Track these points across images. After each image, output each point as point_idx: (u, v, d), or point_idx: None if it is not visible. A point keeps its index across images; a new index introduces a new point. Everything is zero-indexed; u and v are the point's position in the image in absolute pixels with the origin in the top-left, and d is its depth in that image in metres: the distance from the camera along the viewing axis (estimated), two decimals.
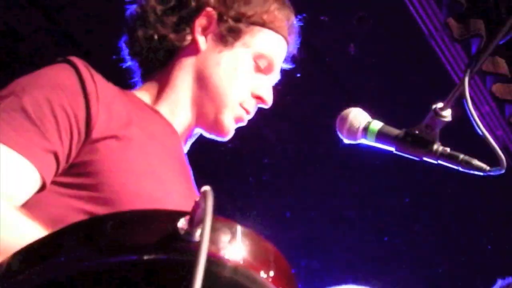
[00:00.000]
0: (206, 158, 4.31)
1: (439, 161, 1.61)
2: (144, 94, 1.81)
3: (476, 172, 1.57)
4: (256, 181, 4.86)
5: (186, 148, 1.86)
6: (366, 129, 1.68)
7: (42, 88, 1.50)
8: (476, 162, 1.57)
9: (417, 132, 1.62)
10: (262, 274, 0.93)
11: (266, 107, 1.87)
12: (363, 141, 1.69)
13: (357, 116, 1.70)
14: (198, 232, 0.89)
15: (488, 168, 1.56)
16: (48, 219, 1.35)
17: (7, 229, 1.31)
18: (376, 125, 1.68)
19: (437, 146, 1.60)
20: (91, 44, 3.88)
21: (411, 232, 5.19)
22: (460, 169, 1.58)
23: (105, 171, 1.50)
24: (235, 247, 0.92)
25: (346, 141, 1.71)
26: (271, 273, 0.93)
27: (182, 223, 0.90)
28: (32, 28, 3.81)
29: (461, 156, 1.59)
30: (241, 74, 1.80)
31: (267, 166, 4.79)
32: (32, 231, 1.28)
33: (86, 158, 1.50)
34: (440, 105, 1.58)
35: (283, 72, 1.99)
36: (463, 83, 1.56)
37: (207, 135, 1.86)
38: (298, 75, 2.09)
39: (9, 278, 0.92)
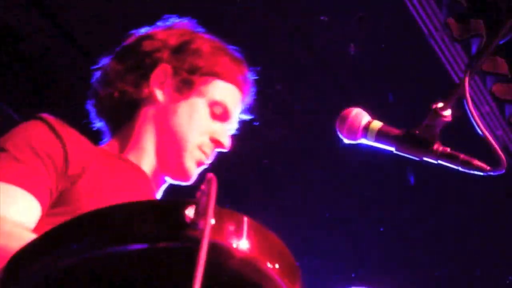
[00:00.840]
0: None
1: (439, 161, 1.61)
2: (111, 147, 1.98)
3: (476, 172, 1.57)
4: (256, 181, 4.86)
5: (159, 193, 2.00)
6: (366, 129, 1.68)
7: (22, 140, 1.71)
8: (476, 162, 1.57)
9: (417, 132, 1.62)
10: (268, 265, 0.94)
11: (224, 151, 1.99)
12: (363, 141, 1.69)
13: (357, 116, 1.70)
14: (203, 219, 0.90)
15: (488, 168, 1.56)
16: None
17: (23, 242, 1.41)
18: (376, 125, 1.68)
19: (437, 146, 1.60)
20: (91, 45, 3.88)
21: (412, 232, 5.19)
22: (460, 169, 1.58)
23: (81, 197, 1.69)
24: (242, 238, 0.94)
25: (346, 141, 1.72)
26: (277, 265, 0.95)
27: (188, 211, 0.91)
28: (32, 28, 3.81)
29: (461, 156, 1.59)
30: (198, 120, 1.94)
31: (267, 166, 4.79)
32: None
33: (65, 190, 1.69)
34: (440, 105, 1.58)
35: (283, 72, 2.00)
36: (463, 83, 1.56)
37: (172, 182, 1.99)
38: (296, 68, 2.09)
39: (23, 267, 0.96)
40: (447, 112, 1.58)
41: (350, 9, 3.82)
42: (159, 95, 1.95)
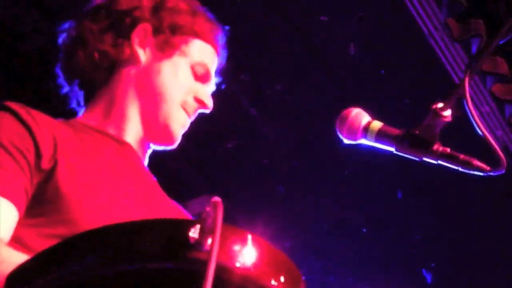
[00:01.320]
0: (205, 159, 4.31)
1: (439, 162, 1.61)
2: (88, 117, 1.87)
3: (476, 172, 1.57)
4: (256, 181, 4.86)
5: (145, 161, 1.91)
6: (366, 129, 1.68)
7: None
8: (476, 162, 1.57)
9: (417, 132, 1.61)
10: (273, 282, 0.93)
11: (206, 111, 1.94)
12: (363, 141, 1.69)
13: (357, 116, 1.70)
14: (208, 241, 0.89)
15: (488, 168, 1.56)
16: (25, 250, 1.40)
17: (3, 265, 1.33)
18: (376, 125, 1.68)
19: (437, 146, 1.60)
20: None
21: (412, 233, 5.19)
22: (460, 169, 1.58)
23: (60, 195, 1.57)
24: (246, 255, 0.93)
25: (346, 141, 1.71)
26: (282, 281, 0.94)
27: (192, 232, 0.90)
28: (32, 28, 3.81)
29: (461, 156, 1.58)
30: (182, 78, 1.88)
31: (267, 166, 4.79)
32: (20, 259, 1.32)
33: (41, 187, 1.57)
34: (440, 105, 1.58)
35: (283, 72, 2.00)
36: (463, 83, 1.55)
37: (156, 147, 1.92)
38: (296, 68, 2.09)
39: (22, 285, 0.93)
40: (447, 112, 1.57)
41: (350, 9, 3.82)
42: (141, 54, 1.87)
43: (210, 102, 1.92)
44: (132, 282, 0.92)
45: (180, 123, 1.87)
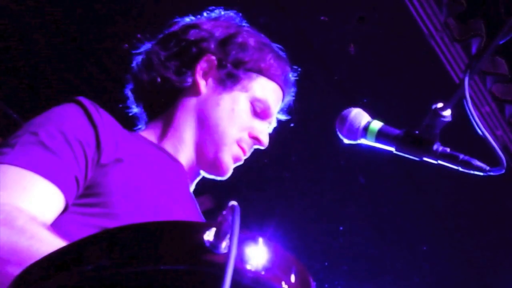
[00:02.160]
0: None
1: (439, 161, 1.61)
2: (148, 134, 1.93)
3: (476, 172, 1.57)
4: (256, 181, 4.86)
5: (191, 186, 1.95)
6: (366, 129, 1.68)
7: (54, 123, 1.63)
8: (476, 162, 1.57)
9: (417, 132, 1.61)
10: (284, 285, 0.93)
11: (262, 148, 1.97)
12: (363, 141, 1.69)
13: (357, 116, 1.70)
14: (223, 245, 0.90)
15: (488, 168, 1.56)
16: (62, 235, 1.42)
17: (37, 243, 1.37)
18: (376, 125, 1.68)
19: (437, 146, 1.60)
20: (91, 45, 3.88)
21: (413, 233, 5.19)
22: (460, 169, 1.58)
23: (115, 190, 1.62)
24: (257, 257, 0.93)
25: (346, 141, 1.72)
26: (292, 284, 0.94)
27: (208, 235, 0.90)
28: (32, 27, 3.81)
29: (461, 156, 1.58)
30: (239, 114, 1.91)
31: (267, 166, 4.79)
32: (57, 244, 1.34)
33: (97, 180, 1.62)
34: (440, 105, 1.58)
35: None
36: (463, 83, 1.55)
37: (207, 175, 1.96)
38: (298, 70, 2.10)
39: (35, 284, 0.94)
40: (447, 112, 1.57)
41: (350, 9, 3.82)
42: (202, 86, 1.92)
43: (265, 140, 1.95)
44: (146, 283, 0.92)
45: (231, 158, 1.91)
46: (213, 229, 0.91)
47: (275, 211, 4.80)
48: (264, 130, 1.96)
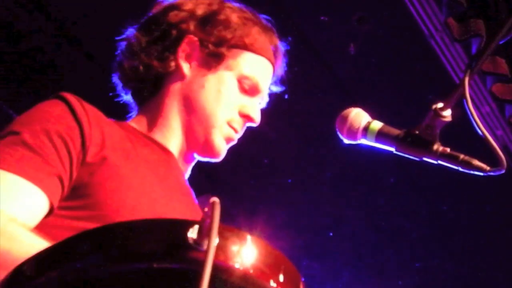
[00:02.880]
0: None
1: (439, 162, 1.60)
2: (137, 123, 1.88)
3: (476, 172, 1.56)
4: (256, 181, 4.86)
5: (186, 173, 1.91)
6: (366, 129, 1.67)
7: (38, 121, 1.59)
8: (476, 162, 1.57)
9: (417, 132, 1.61)
10: (272, 283, 0.93)
11: (254, 125, 1.92)
12: (363, 141, 1.69)
13: (357, 116, 1.70)
14: (207, 242, 0.89)
15: (488, 168, 1.55)
16: (52, 240, 1.37)
17: (17, 244, 1.34)
18: (376, 125, 1.68)
19: (437, 146, 1.60)
20: (92, 46, 3.88)
21: (414, 234, 5.19)
22: (460, 169, 1.58)
23: (102, 191, 1.57)
24: (245, 255, 0.93)
25: (346, 141, 1.71)
26: (281, 282, 0.94)
27: (191, 232, 0.90)
28: (32, 27, 3.81)
29: (461, 156, 1.58)
30: (226, 94, 1.86)
31: (267, 166, 4.79)
32: (38, 244, 1.32)
33: (84, 180, 1.57)
34: (440, 105, 1.58)
35: (284, 71, 2.00)
36: (463, 83, 1.55)
37: (201, 159, 1.91)
38: (296, 68, 2.09)
39: (24, 283, 0.94)
40: (447, 112, 1.57)
41: (350, 9, 3.82)
42: (186, 69, 1.87)
43: (256, 116, 1.90)
44: (130, 281, 0.92)
45: (223, 139, 1.86)
46: (196, 226, 0.91)
47: (267, 209, 4.80)
48: (255, 106, 1.91)
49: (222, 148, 1.87)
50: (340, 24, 3.86)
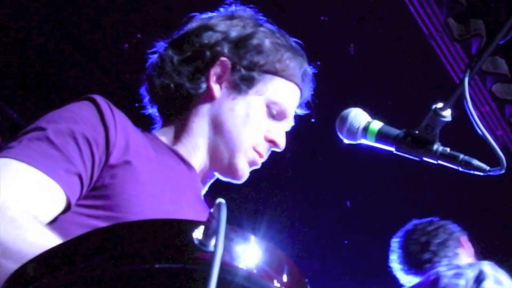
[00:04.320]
0: None
1: (439, 161, 1.60)
2: (162, 135, 1.90)
3: (476, 172, 1.56)
4: (256, 181, 4.85)
5: (204, 189, 1.93)
6: (366, 129, 1.67)
7: (64, 120, 1.60)
8: (476, 162, 1.57)
9: (417, 132, 1.61)
10: (275, 283, 0.93)
11: (279, 150, 1.93)
12: (363, 141, 1.69)
13: (357, 116, 1.69)
14: (212, 242, 0.90)
15: (488, 168, 1.55)
16: (66, 236, 1.35)
17: (23, 234, 1.35)
18: (376, 125, 1.68)
19: (437, 146, 1.60)
20: (92, 45, 3.88)
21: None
22: (460, 169, 1.58)
23: (122, 194, 1.58)
24: (249, 256, 0.93)
25: (346, 141, 1.71)
26: (284, 282, 0.94)
27: (197, 233, 0.91)
28: (33, 27, 3.81)
29: (461, 156, 1.58)
30: (254, 119, 1.86)
31: (267, 166, 4.79)
32: (44, 235, 1.33)
33: (105, 182, 1.58)
34: (440, 105, 1.57)
35: None
36: (463, 83, 1.55)
37: (222, 178, 1.92)
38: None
39: (28, 284, 0.94)
40: (447, 112, 1.57)
41: (350, 9, 3.82)
42: (216, 90, 1.87)
43: (282, 143, 1.91)
44: (136, 282, 0.92)
45: (247, 163, 1.87)
46: (202, 227, 0.91)
47: (269, 210, 4.80)
48: (281, 132, 1.93)
49: (245, 172, 1.89)
50: (340, 24, 3.87)
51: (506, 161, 1.53)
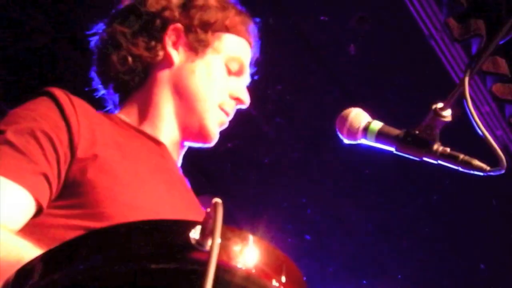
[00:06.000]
0: (206, 158, 4.31)
1: (439, 161, 1.61)
2: (126, 114, 1.87)
3: (476, 172, 1.57)
4: (256, 181, 4.86)
5: (178, 161, 1.90)
6: (366, 129, 1.68)
7: (23, 120, 1.56)
8: (476, 162, 1.57)
9: (417, 132, 1.61)
10: (274, 283, 0.93)
11: (244, 107, 1.94)
12: (363, 141, 1.69)
13: (357, 116, 1.70)
14: (209, 242, 0.90)
15: (488, 168, 1.56)
16: (48, 240, 1.34)
17: (3, 252, 1.31)
18: (376, 125, 1.68)
19: (437, 146, 1.60)
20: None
21: (415, 235, 5.19)
22: (460, 169, 1.58)
23: (96, 188, 1.54)
24: (247, 255, 0.93)
25: (346, 141, 1.71)
26: (283, 281, 0.94)
27: (193, 233, 0.90)
28: (32, 27, 3.81)
29: (461, 156, 1.58)
30: (216, 78, 1.87)
31: (267, 166, 4.79)
32: (29, 252, 1.29)
33: (76, 178, 1.55)
34: (440, 105, 1.58)
35: (284, 71, 2.00)
36: (463, 83, 1.55)
37: (193, 145, 1.91)
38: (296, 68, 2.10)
39: (27, 285, 0.93)
40: (447, 112, 1.57)
41: (350, 9, 3.82)
42: (174, 56, 1.87)
43: (246, 98, 1.92)
44: (133, 282, 0.92)
45: (216, 123, 1.87)
46: (199, 227, 0.91)
47: (268, 209, 4.80)
48: (243, 88, 1.93)
49: (216, 133, 1.88)
50: (340, 24, 3.86)
51: (506, 161, 1.53)
